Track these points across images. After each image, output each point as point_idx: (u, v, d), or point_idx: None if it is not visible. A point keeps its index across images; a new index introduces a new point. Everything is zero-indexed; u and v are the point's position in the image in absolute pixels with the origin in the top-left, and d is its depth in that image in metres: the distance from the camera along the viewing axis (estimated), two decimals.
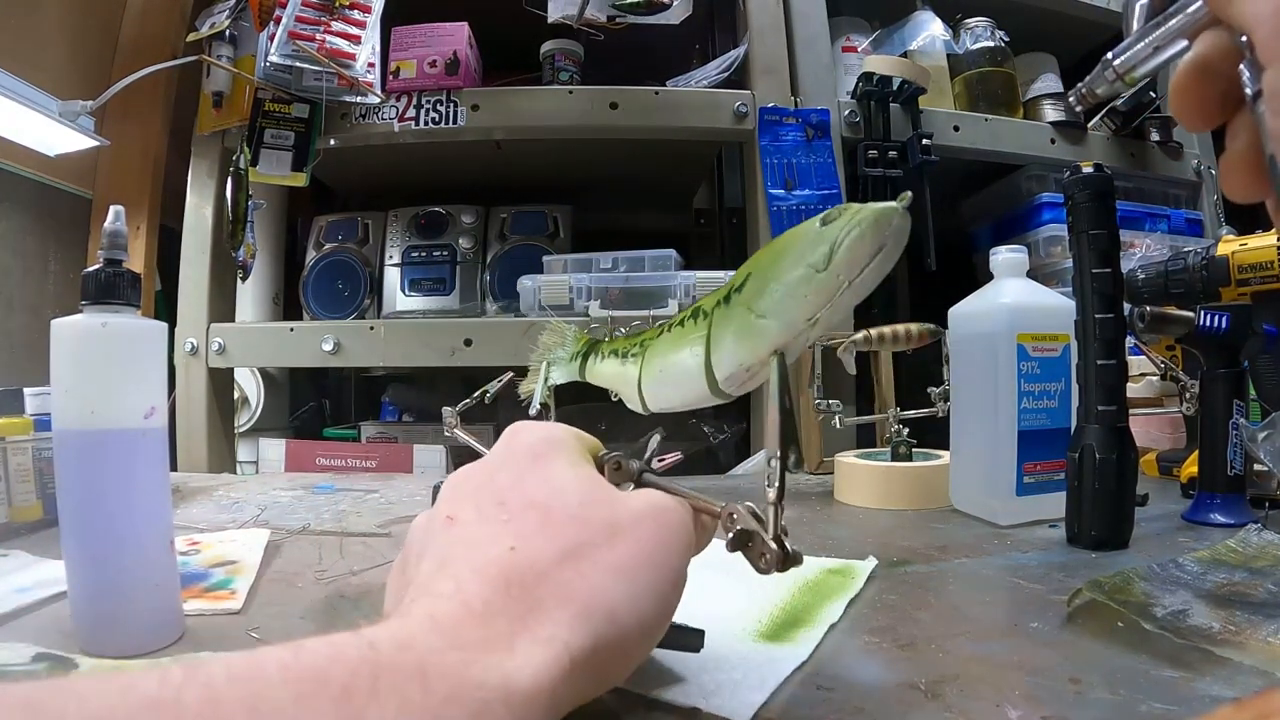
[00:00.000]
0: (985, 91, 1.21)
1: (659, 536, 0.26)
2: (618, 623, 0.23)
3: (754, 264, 0.33)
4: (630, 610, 0.24)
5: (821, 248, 0.29)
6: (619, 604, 0.23)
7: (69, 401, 0.34)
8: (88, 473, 0.35)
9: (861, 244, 0.29)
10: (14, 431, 0.59)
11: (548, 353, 0.56)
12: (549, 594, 0.23)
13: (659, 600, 0.25)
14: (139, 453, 0.36)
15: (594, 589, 0.23)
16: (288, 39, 0.99)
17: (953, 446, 0.66)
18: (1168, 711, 0.27)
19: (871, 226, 0.29)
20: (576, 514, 0.25)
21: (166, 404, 0.37)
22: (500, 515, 0.26)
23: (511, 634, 0.21)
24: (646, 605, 0.24)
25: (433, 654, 0.20)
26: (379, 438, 1.29)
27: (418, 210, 1.26)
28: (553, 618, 0.22)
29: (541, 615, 0.22)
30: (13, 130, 0.93)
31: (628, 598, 0.24)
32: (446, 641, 0.20)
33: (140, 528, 0.36)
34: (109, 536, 0.35)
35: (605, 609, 0.23)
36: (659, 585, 0.25)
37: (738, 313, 0.33)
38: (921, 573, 0.47)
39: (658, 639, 0.26)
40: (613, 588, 0.24)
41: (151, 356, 0.37)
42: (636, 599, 0.24)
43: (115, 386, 0.35)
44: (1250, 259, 0.65)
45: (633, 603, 0.24)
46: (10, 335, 1.02)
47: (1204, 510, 0.58)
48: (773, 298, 0.31)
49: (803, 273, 0.30)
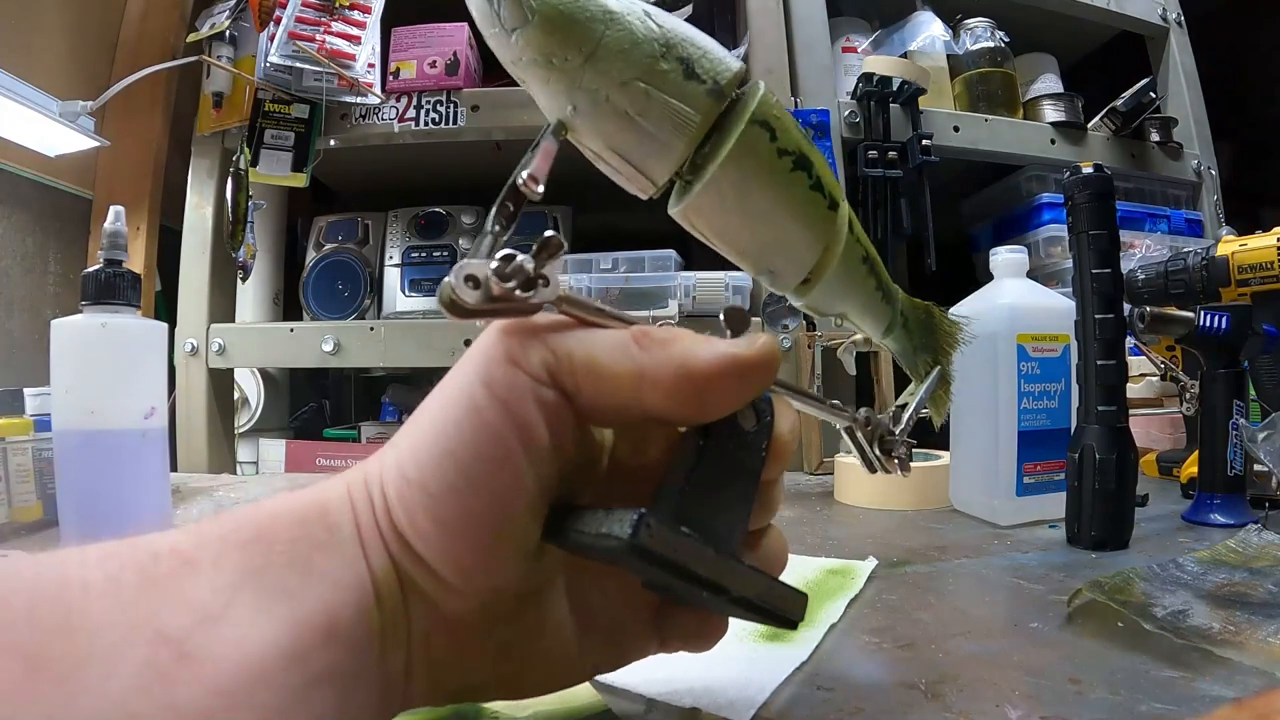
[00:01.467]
0: (985, 92, 1.21)
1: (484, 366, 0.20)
2: (424, 470, 0.20)
3: None
4: (431, 456, 0.20)
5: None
6: (449, 412, 0.20)
7: (69, 401, 0.34)
8: (88, 473, 0.35)
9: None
10: (14, 431, 0.59)
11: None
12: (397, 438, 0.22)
13: (475, 417, 0.20)
14: (139, 453, 0.36)
15: (427, 409, 0.21)
16: (288, 39, 0.99)
17: (953, 446, 0.66)
18: (1168, 711, 0.27)
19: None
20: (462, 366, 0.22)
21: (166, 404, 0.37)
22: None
23: (352, 474, 0.22)
24: (465, 420, 0.20)
25: (285, 493, 0.21)
26: (379, 438, 1.29)
27: (418, 210, 1.26)
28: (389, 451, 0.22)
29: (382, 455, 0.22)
30: (13, 130, 0.93)
31: (450, 404, 0.20)
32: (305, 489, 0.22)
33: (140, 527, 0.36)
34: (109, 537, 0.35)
35: (437, 415, 0.21)
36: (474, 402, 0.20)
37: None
38: (921, 573, 0.47)
39: (509, 478, 0.20)
40: (445, 403, 0.21)
41: (151, 356, 0.37)
42: (456, 405, 0.20)
43: (115, 386, 0.35)
44: (1250, 259, 0.65)
45: (453, 409, 0.20)
46: (10, 335, 1.02)
47: (1204, 510, 0.58)
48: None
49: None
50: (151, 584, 0.18)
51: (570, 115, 0.28)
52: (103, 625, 0.17)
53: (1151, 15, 1.34)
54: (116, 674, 0.16)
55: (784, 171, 0.30)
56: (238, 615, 0.18)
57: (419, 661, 0.22)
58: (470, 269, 0.20)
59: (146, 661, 0.17)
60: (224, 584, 0.18)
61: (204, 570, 0.19)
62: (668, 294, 1.00)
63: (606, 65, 0.27)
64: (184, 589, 0.18)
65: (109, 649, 0.17)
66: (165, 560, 0.19)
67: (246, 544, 0.19)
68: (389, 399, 1.46)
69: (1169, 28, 1.35)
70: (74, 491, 0.35)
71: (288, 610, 0.19)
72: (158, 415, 0.36)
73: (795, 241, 0.32)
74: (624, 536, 0.18)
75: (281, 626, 0.18)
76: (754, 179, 0.29)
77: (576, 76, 0.27)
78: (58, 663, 0.16)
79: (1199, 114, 1.33)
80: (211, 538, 0.20)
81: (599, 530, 0.19)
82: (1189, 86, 1.33)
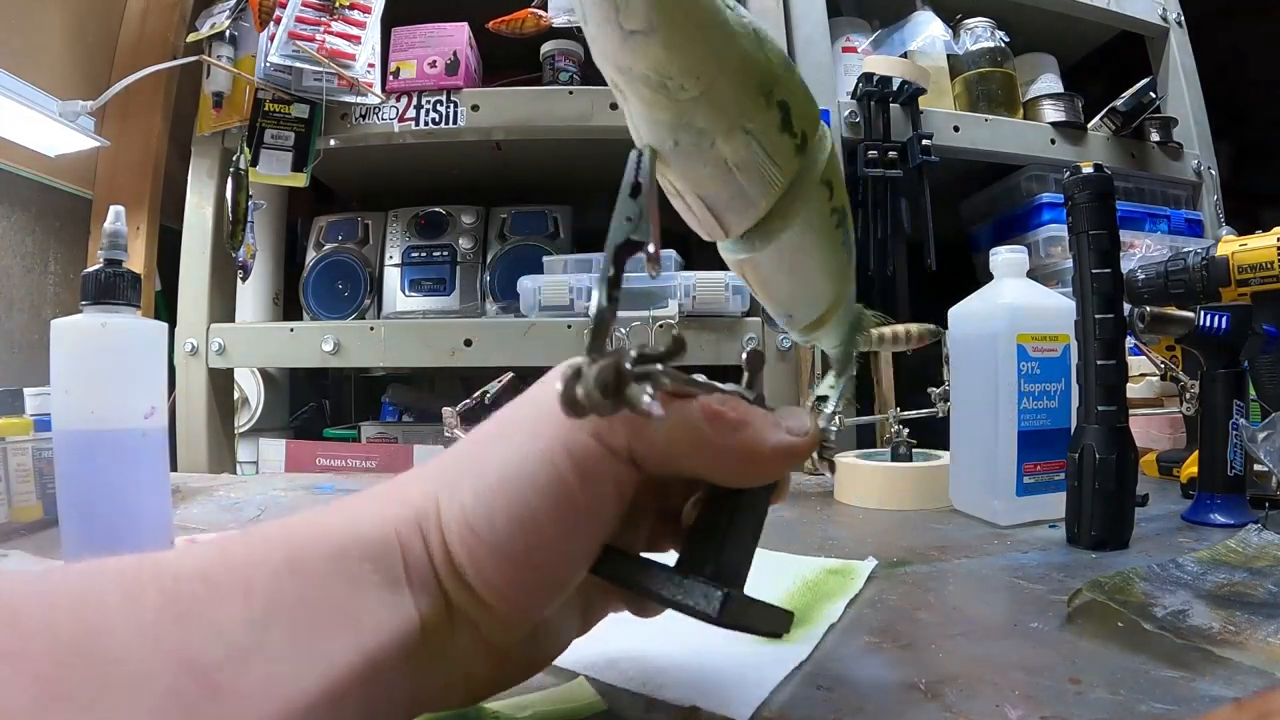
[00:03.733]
0: (985, 92, 1.21)
1: (555, 438, 0.22)
2: (485, 482, 0.21)
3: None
4: (499, 474, 0.21)
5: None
6: (489, 468, 0.21)
7: (69, 401, 0.34)
8: (88, 473, 0.35)
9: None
10: (14, 431, 0.59)
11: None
12: (430, 473, 0.22)
13: (536, 483, 0.21)
14: (139, 453, 0.36)
15: (466, 458, 0.22)
16: (288, 39, 0.99)
17: (953, 446, 0.66)
18: (1168, 711, 0.27)
19: None
20: (503, 416, 0.24)
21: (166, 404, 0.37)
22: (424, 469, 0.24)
23: (383, 499, 0.22)
24: (523, 483, 0.21)
25: (303, 517, 0.21)
26: (379, 438, 1.29)
27: (418, 210, 1.26)
28: (422, 489, 0.22)
29: (420, 484, 0.22)
30: (13, 130, 0.93)
31: (496, 464, 0.21)
32: (325, 509, 0.22)
33: (140, 528, 0.36)
34: (109, 536, 0.35)
35: (474, 467, 0.22)
36: (536, 467, 0.21)
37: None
38: (921, 573, 0.47)
39: (561, 531, 0.21)
40: (482, 462, 0.22)
41: (151, 356, 0.37)
42: (506, 464, 0.21)
43: (115, 386, 0.35)
44: (1250, 259, 0.65)
45: (502, 468, 0.21)
46: (10, 335, 1.02)
47: (1204, 510, 0.58)
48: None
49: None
50: (175, 607, 0.17)
51: (670, 149, 0.24)
52: (125, 649, 0.16)
53: (1151, 15, 1.34)
54: (140, 706, 0.15)
55: (831, 229, 0.28)
56: (271, 652, 0.17)
57: (458, 684, 0.22)
58: (601, 376, 0.19)
59: (172, 692, 0.16)
60: (256, 617, 0.18)
61: (233, 598, 0.18)
62: (668, 294, 1.00)
63: (723, 105, 0.22)
64: (212, 617, 0.17)
65: (132, 677, 0.16)
66: (188, 582, 0.18)
67: (278, 574, 0.19)
68: (389, 399, 1.46)
69: (1169, 28, 1.35)
70: (74, 491, 0.35)
71: (324, 651, 0.18)
72: (158, 415, 0.36)
73: (822, 292, 0.31)
74: (713, 614, 0.22)
75: (318, 668, 0.18)
76: (810, 241, 0.28)
77: (687, 112, 0.22)
78: (78, 691, 0.15)
79: (1199, 114, 1.33)
80: (239, 561, 0.19)
81: (681, 599, 0.22)
82: (1189, 86, 1.33)
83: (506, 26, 1.08)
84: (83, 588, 0.17)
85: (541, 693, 0.28)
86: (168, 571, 0.18)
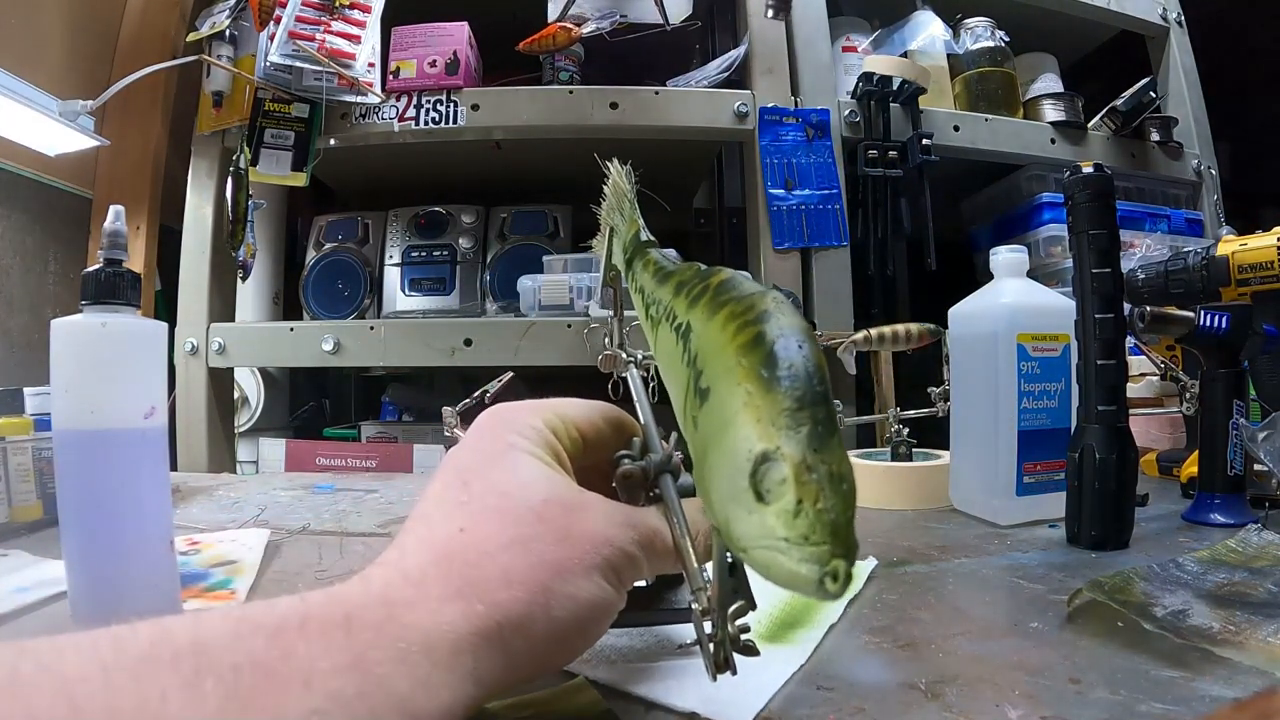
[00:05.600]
0: (985, 91, 1.21)
1: (603, 562, 0.25)
2: (551, 613, 0.23)
3: (715, 388, 0.22)
4: (564, 609, 0.24)
5: (741, 525, 0.20)
6: (556, 598, 0.24)
7: (69, 401, 0.34)
8: (88, 473, 0.35)
9: (770, 580, 0.20)
10: (14, 431, 0.59)
11: (611, 213, 0.43)
12: (490, 573, 0.23)
13: (589, 609, 0.25)
14: (139, 453, 0.36)
15: (534, 578, 0.23)
16: (288, 39, 0.99)
17: (953, 446, 0.66)
18: (1168, 711, 0.27)
19: (781, 582, 0.19)
20: (536, 509, 0.25)
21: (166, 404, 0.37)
22: (460, 495, 0.26)
23: (442, 599, 0.22)
24: (581, 611, 0.24)
25: (359, 608, 0.21)
26: (379, 437, 1.29)
27: (418, 210, 1.26)
28: (488, 592, 0.23)
29: (477, 589, 0.23)
30: (13, 130, 0.93)
31: (563, 599, 0.24)
32: (375, 598, 0.22)
33: (140, 528, 0.36)
34: (109, 536, 0.35)
35: (541, 598, 0.23)
36: (598, 598, 0.25)
37: (693, 439, 0.24)
38: (921, 573, 0.47)
39: (597, 636, 0.26)
40: (551, 582, 0.24)
41: (151, 356, 0.37)
42: (571, 601, 0.24)
43: (115, 386, 0.35)
44: (1250, 259, 0.65)
45: (567, 603, 0.24)
46: (10, 335, 1.02)
47: (1204, 510, 0.58)
48: (705, 496, 0.23)
49: (722, 523, 0.21)
50: (237, 702, 0.18)
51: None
52: None
53: (1151, 15, 1.34)
54: None
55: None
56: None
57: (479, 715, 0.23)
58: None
59: None
60: (318, 705, 0.18)
61: (293, 690, 0.18)
62: None
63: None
64: (277, 710, 0.18)
65: None
66: (248, 674, 0.18)
67: (341, 671, 0.19)
68: (389, 398, 1.46)
69: (1169, 27, 1.35)
70: (74, 491, 0.35)
71: None
72: (158, 415, 0.36)
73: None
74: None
75: None
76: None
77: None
78: None
79: (1199, 114, 1.33)
80: (298, 653, 0.19)
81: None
82: (1189, 86, 1.33)
83: (538, 44, 1.07)
84: (142, 679, 0.17)
85: (542, 693, 0.28)
86: (222, 658, 0.18)
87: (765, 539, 0.19)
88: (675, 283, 0.28)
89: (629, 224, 0.38)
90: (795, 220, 1.06)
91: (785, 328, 0.21)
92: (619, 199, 0.41)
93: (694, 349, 0.23)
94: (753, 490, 0.19)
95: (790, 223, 1.05)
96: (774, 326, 0.21)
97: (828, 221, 1.06)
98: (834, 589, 0.18)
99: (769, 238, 1.05)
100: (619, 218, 0.40)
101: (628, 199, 0.40)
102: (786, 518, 0.18)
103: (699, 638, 0.25)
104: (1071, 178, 0.53)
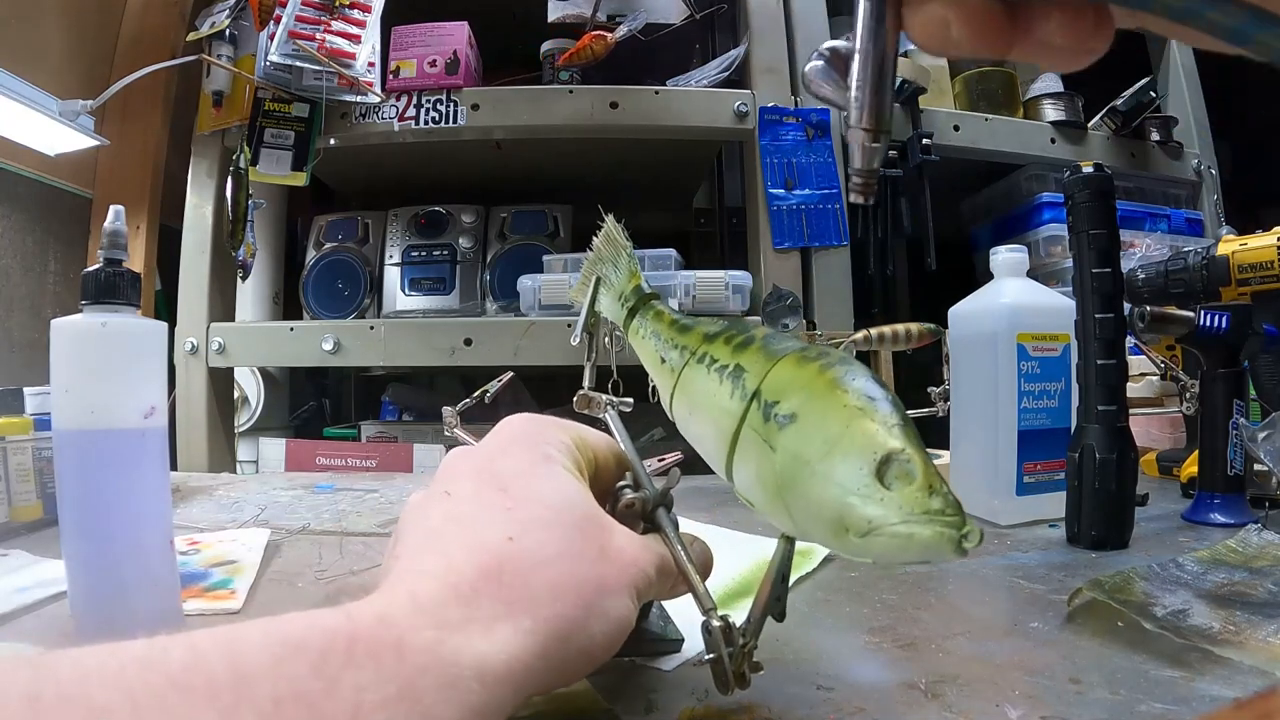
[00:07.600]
0: (985, 91, 1.21)
1: (632, 582, 0.26)
2: (589, 629, 0.24)
3: (805, 413, 0.25)
4: (600, 625, 0.24)
5: (871, 509, 0.23)
6: (594, 615, 0.24)
7: (69, 401, 0.34)
8: (88, 473, 0.35)
9: (905, 552, 0.23)
10: (14, 431, 0.59)
11: (599, 264, 0.45)
12: (539, 587, 0.23)
13: (618, 627, 0.25)
14: (139, 453, 0.36)
15: (580, 594, 0.24)
16: (288, 38, 0.99)
17: (953, 446, 0.66)
18: (1168, 711, 0.27)
19: (922, 549, 0.23)
20: (579, 524, 0.26)
21: (166, 404, 0.37)
22: (503, 501, 0.25)
23: (494, 618, 0.22)
24: (611, 629, 0.25)
25: (411, 630, 0.20)
26: (379, 437, 1.29)
27: (418, 210, 1.26)
28: (536, 606, 0.23)
29: (526, 604, 0.23)
30: (13, 130, 0.93)
31: (600, 616, 0.24)
32: (426, 619, 0.21)
33: (140, 527, 0.36)
34: (109, 536, 0.35)
35: (583, 613, 0.24)
36: (625, 617, 0.25)
37: (766, 458, 0.26)
38: (921, 573, 0.47)
39: (612, 651, 0.26)
40: (593, 598, 0.24)
41: (151, 356, 0.37)
42: (605, 618, 0.25)
43: (115, 386, 0.35)
44: (1250, 259, 0.65)
45: (603, 620, 0.24)
46: (10, 335, 1.02)
47: (1204, 510, 0.58)
48: (796, 503, 0.25)
49: (833, 519, 0.24)
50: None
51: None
52: None
53: None
54: None
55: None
56: None
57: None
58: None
59: None
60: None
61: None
62: (668, 293, 1.00)
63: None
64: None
65: None
66: (290, 709, 0.18)
67: (390, 703, 0.19)
68: (389, 398, 1.46)
69: None
70: (74, 491, 0.35)
71: None
72: (158, 415, 0.36)
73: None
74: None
75: None
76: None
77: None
78: None
79: (1199, 114, 1.33)
80: (344, 683, 0.19)
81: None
82: (1189, 86, 1.33)
83: (576, 57, 1.08)
84: (174, 713, 0.17)
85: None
86: (263, 694, 0.18)
87: (902, 518, 0.23)
88: (701, 333, 0.33)
89: (630, 276, 0.42)
90: (795, 220, 1.06)
91: (860, 369, 0.26)
92: (614, 251, 0.44)
93: (754, 386, 0.28)
94: (878, 482, 0.23)
95: (790, 222, 1.05)
96: (855, 368, 0.26)
97: (828, 221, 1.06)
98: (970, 545, 0.22)
99: (769, 237, 1.05)
100: (610, 268, 0.44)
101: (625, 252, 0.43)
102: (922, 498, 0.23)
103: (718, 654, 0.27)
104: (1071, 177, 0.53)
